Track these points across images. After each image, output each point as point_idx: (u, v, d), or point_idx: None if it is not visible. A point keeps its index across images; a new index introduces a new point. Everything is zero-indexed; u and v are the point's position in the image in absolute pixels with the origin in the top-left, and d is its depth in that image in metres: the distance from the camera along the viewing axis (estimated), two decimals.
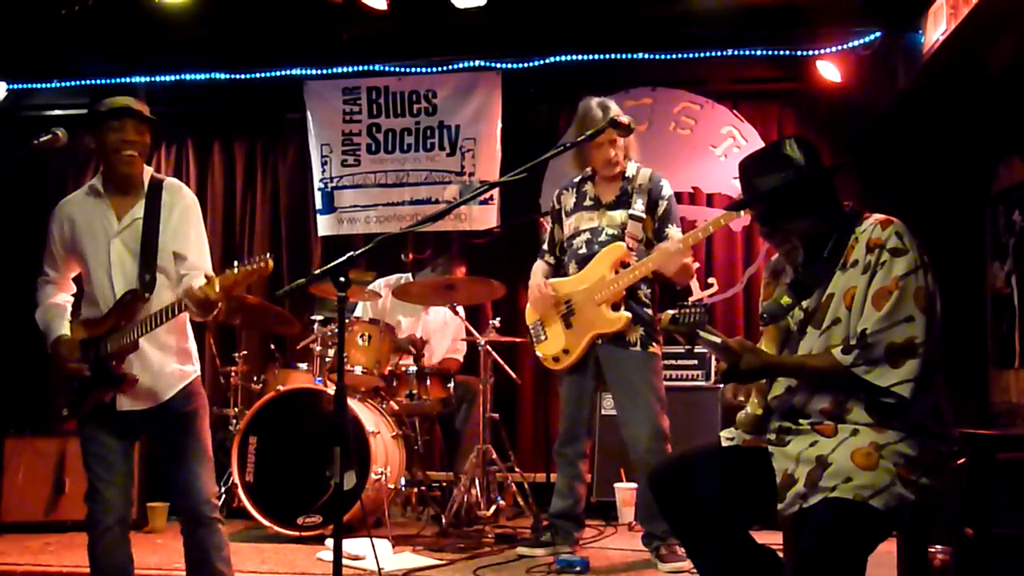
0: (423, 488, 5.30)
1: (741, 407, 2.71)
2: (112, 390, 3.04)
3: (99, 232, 3.11)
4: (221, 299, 2.89)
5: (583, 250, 4.30)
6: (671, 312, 2.53)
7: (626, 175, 4.32)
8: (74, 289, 3.26)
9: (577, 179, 4.44)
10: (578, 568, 3.96)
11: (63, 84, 6.69)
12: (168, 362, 3.11)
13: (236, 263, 2.90)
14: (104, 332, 3.06)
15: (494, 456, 5.08)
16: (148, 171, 3.18)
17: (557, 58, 6.27)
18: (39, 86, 6.72)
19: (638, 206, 4.25)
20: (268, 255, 2.91)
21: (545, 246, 4.54)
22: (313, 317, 5.24)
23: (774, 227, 2.60)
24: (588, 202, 4.35)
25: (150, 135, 3.14)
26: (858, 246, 2.51)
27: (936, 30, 5.00)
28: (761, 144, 6.17)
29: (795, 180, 2.55)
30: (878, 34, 5.81)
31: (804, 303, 2.60)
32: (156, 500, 5.07)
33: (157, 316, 3.00)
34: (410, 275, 5.84)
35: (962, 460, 2.79)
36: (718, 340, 2.46)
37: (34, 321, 3.29)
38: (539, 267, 4.49)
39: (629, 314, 4.17)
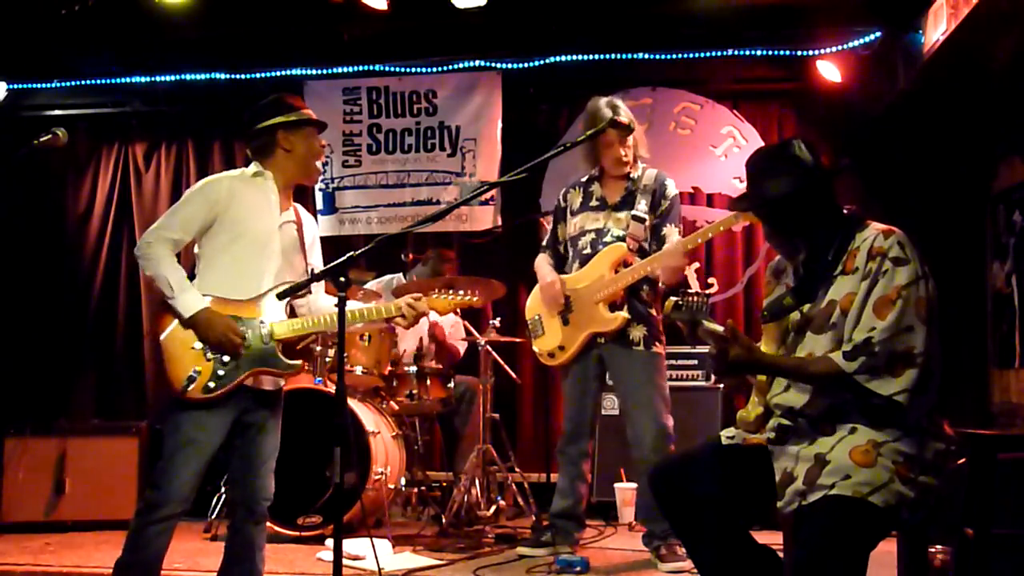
0: (423, 488, 5.30)
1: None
2: (278, 375, 3.16)
3: (268, 214, 3.19)
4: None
5: (587, 250, 4.30)
6: (674, 299, 2.52)
7: (632, 176, 4.32)
8: None
9: (584, 178, 4.44)
10: (578, 568, 3.96)
11: (63, 84, 6.69)
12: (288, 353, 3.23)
13: (449, 291, 3.24)
14: (263, 316, 3.12)
15: (494, 456, 5.09)
16: None
17: (557, 58, 6.27)
18: (39, 86, 6.72)
19: (641, 207, 4.25)
20: (477, 295, 3.26)
21: (545, 242, 4.54)
22: None
23: (783, 227, 2.60)
24: (594, 202, 4.35)
25: None
26: (859, 253, 2.50)
27: (936, 30, 5.00)
28: (761, 144, 6.19)
29: (805, 185, 2.55)
30: (878, 34, 5.80)
31: (804, 307, 2.60)
32: None
33: (349, 320, 3.06)
34: (401, 275, 5.84)
35: (962, 460, 2.79)
36: (720, 329, 2.46)
37: (34, 320, 3.28)
38: (545, 260, 4.48)
39: (626, 314, 4.18)
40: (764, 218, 2.65)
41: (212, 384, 3.03)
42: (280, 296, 3.00)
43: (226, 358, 3.05)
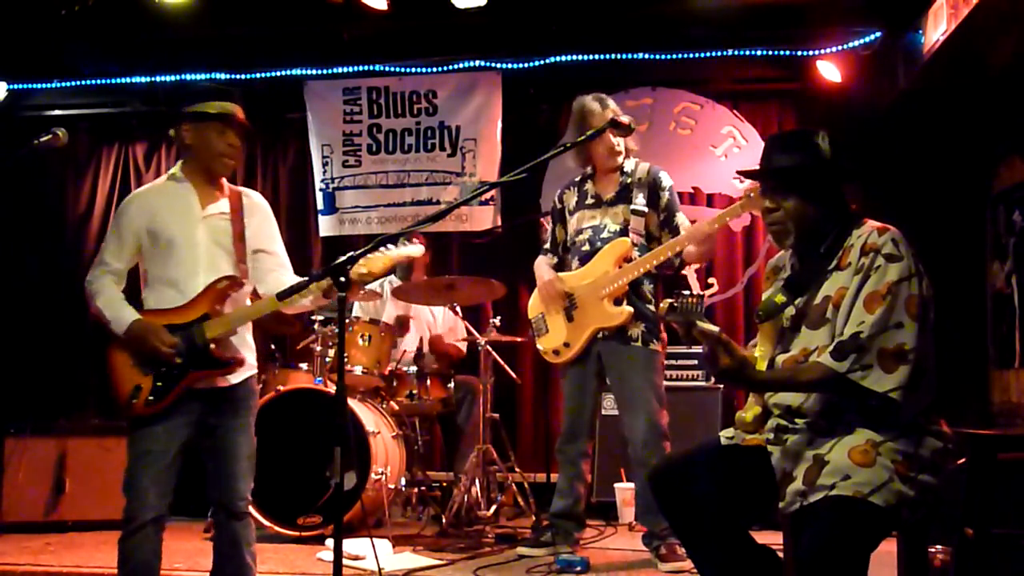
0: (423, 488, 5.30)
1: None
2: (214, 372, 3.08)
3: (185, 216, 3.16)
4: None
5: (586, 247, 4.31)
6: (669, 300, 2.52)
7: (624, 170, 4.34)
8: (124, 285, 3.23)
9: (578, 178, 4.46)
10: (578, 568, 3.96)
11: (63, 84, 6.69)
12: (240, 348, 3.17)
13: (387, 246, 3.02)
14: (196, 318, 3.07)
15: (494, 456, 5.08)
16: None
17: (557, 58, 6.27)
18: (39, 86, 6.73)
19: (639, 201, 4.26)
20: (419, 241, 3.08)
21: (547, 245, 4.55)
22: (313, 317, 5.24)
23: (777, 203, 2.60)
24: (589, 200, 4.36)
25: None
26: (853, 249, 2.51)
27: (936, 30, 5.00)
28: (761, 144, 6.19)
29: (814, 167, 2.57)
30: (878, 34, 5.81)
31: (797, 301, 2.61)
32: None
33: (279, 300, 2.99)
34: (393, 277, 5.87)
35: (962, 460, 2.80)
36: (716, 329, 2.45)
37: (34, 320, 3.27)
38: (544, 261, 4.49)
39: (631, 308, 4.18)
40: (766, 190, 2.64)
41: (152, 397, 3.03)
42: (280, 297, 2.99)
43: (164, 368, 3.04)
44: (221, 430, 3.11)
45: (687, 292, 2.50)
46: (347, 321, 5.06)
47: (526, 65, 6.33)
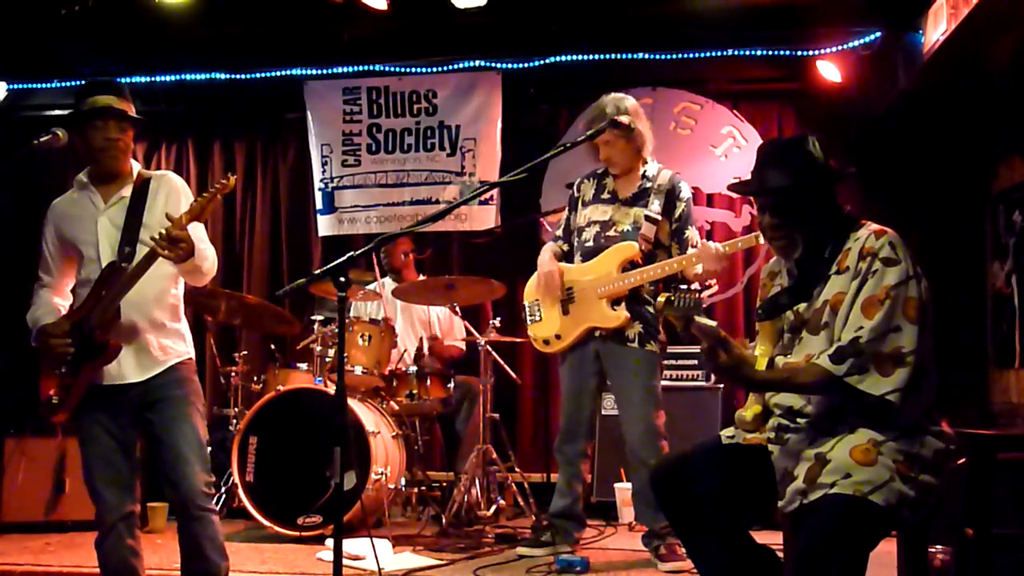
0: (423, 488, 5.30)
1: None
2: (99, 361, 3.02)
3: (87, 216, 3.17)
4: (187, 236, 2.93)
5: (590, 243, 4.29)
6: (666, 295, 2.52)
7: (646, 174, 4.31)
8: (71, 299, 3.24)
9: (600, 170, 4.43)
10: (578, 568, 3.96)
11: (63, 84, 6.68)
12: (156, 337, 3.12)
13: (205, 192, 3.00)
14: (89, 310, 3.07)
15: (494, 456, 5.09)
16: (136, 167, 3.26)
17: (557, 58, 6.26)
18: (39, 86, 6.71)
19: (654, 207, 4.24)
20: (231, 174, 3.06)
21: (559, 232, 4.53)
22: (313, 317, 5.25)
23: (784, 220, 2.60)
24: (606, 195, 4.34)
25: (133, 132, 3.22)
26: (852, 253, 2.52)
27: (936, 30, 5.00)
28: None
29: (810, 181, 2.57)
30: (878, 34, 5.80)
31: (800, 307, 2.60)
32: (156, 500, 5.05)
33: (132, 273, 2.99)
34: (388, 279, 5.88)
35: (962, 460, 2.80)
36: (713, 324, 2.45)
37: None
38: (550, 248, 4.46)
39: (627, 314, 4.18)
40: (764, 208, 2.65)
41: (57, 399, 3.04)
42: (281, 296, 2.99)
43: (64, 367, 3.05)
44: (154, 428, 3.08)
45: (684, 287, 2.50)
46: (347, 321, 5.09)
47: (526, 65, 6.32)
